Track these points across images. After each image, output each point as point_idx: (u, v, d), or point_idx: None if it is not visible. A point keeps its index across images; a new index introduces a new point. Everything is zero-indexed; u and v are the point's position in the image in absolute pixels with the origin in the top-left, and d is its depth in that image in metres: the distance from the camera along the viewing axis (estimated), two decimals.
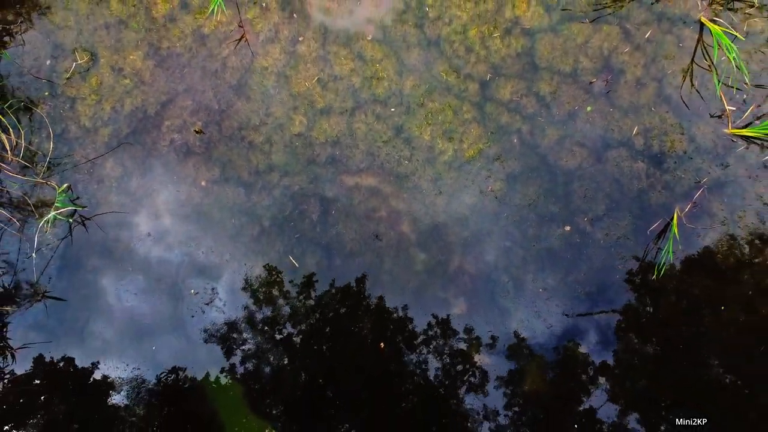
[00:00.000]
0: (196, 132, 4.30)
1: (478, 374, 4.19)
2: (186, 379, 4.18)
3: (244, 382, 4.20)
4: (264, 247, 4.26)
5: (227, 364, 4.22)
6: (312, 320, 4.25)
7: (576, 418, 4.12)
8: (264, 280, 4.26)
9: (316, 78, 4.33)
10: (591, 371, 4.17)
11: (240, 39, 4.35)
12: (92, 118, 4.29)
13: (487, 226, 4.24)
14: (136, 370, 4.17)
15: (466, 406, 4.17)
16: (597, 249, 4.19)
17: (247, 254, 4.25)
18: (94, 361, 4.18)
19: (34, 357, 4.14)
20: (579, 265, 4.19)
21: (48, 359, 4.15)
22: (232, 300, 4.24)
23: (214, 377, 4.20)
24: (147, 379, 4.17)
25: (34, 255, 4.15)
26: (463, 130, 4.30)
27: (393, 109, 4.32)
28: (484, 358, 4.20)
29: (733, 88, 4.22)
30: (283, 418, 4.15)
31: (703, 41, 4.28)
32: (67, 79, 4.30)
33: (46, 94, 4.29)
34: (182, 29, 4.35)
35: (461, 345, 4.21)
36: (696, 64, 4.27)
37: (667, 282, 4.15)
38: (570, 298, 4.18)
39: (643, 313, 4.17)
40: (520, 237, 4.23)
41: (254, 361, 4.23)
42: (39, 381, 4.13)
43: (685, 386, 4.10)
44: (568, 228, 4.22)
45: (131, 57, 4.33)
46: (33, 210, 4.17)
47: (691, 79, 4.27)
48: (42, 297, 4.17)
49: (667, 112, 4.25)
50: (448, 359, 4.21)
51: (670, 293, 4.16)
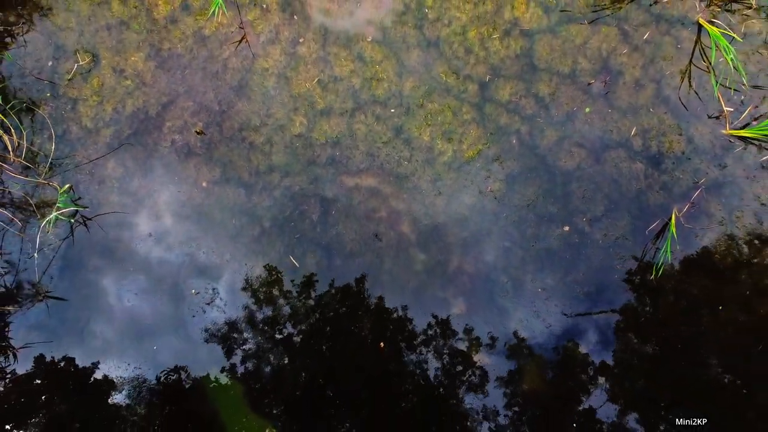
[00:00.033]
0: (197, 133, 4.32)
1: (478, 374, 4.21)
2: (187, 379, 4.20)
3: (245, 381, 4.21)
4: (264, 248, 4.27)
5: (228, 364, 4.23)
6: (312, 320, 4.26)
7: (575, 418, 4.14)
8: (264, 280, 4.28)
9: (316, 79, 4.35)
10: (590, 371, 4.19)
11: (241, 40, 4.37)
12: (94, 119, 4.31)
13: (487, 227, 4.26)
14: (137, 370, 4.18)
15: (466, 405, 4.18)
16: (595, 249, 4.21)
17: (248, 254, 4.26)
18: (96, 361, 4.19)
19: (35, 357, 4.15)
20: (578, 265, 4.21)
21: (49, 359, 4.16)
22: (233, 300, 4.26)
23: (215, 376, 4.22)
24: (148, 379, 4.18)
25: (36, 255, 4.16)
26: (463, 130, 4.32)
27: (393, 110, 4.34)
28: (483, 358, 4.21)
29: (730, 89, 4.24)
30: (283, 418, 4.17)
31: (701, 42, 4.30)
32: (69, 80, 4.32)
33: (48, 95, 4.31)
34: (183, 31, 4.37)
35: (461, 345, 4.23)
36: (694, 65, 4.29)
37: (665, 282, 4.17)
38: (569, 298, 4.19)
39: (641, 313, 4.19)
40: (519, 237, 4.24)
41: (255, 361, 4.24)
42: (40, 380, 4.15)
43: (684, 386, 4.12)
44: (566, 228, 4.24)
45: (132, 58, 4.35)
46: (35, 210, 4.19)
47: (689, 81, 4.29)
48: (43, 297, 4.18)
49: (666, 113, 4.27)
50: (448, 359, 4.23)
51: (669, 293, 4.18)
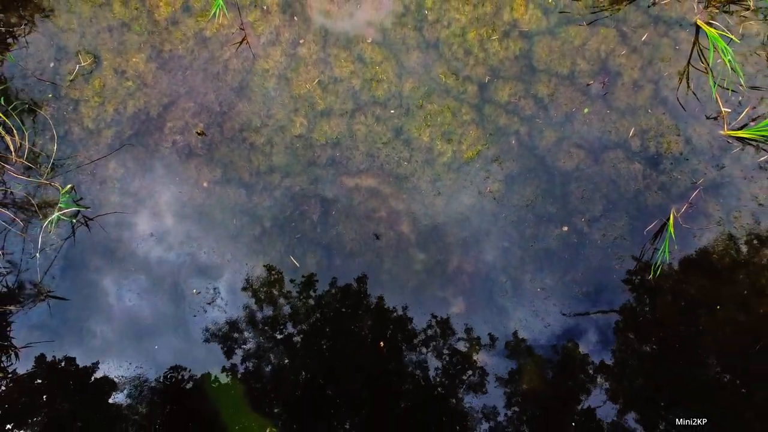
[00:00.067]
0: (198, 134, 4.34)
1: (477, 373, 4.23)
2: (188, 378, 4.22)
3: (246, 380, 4.23)
4: (265, 247, 4.29)
5: (228, 363, 4.25)
6: (312, 319, 4.28)
7: (574, 417, 4.16)
8: (265, 280, 4.30)
9: (316, 80, 4.37)
10: (588, 370, 4.21)
11: (241, 41, 4.39)
12: (95, 120, 4.33)
13: (486, 227, 4.28)
14: (139, 369, 4.20)
15: (465, 404, 4.20)
16: (594, 249, 4.23)
17: (249, 254, 4.28)
18: (97, 360, 4.21)
19: (37, 356, 4.17)
20: (576, 265, 4.23)
21: (51, 358, 4.18)
22: (234, 299, 4.28)
23: (216, 376, 4.24)
24: (149, 378, 4.20)
25: (38, 255, 4.19)
26: (462, 131, 4.34)
27: (393, 111, 4.36)
28: (482, 357, 4.23)
29: (728, 90, 4.26)
30: (283, 417, 4.19)
31: (699, 44, 4.32)
32: (71, 81, 4.34)
33: (50, 96, 4.33)
34: (184, 32, 4.39)
35: (460, 344, 4.25)
36: (692, 67, 4.31)
37: (663, 282, 4.19)
38: (568, 298, 4.21)
39: (639, 313, 4.21)
40: (518, 237, 4.26)
41: (255, 360, 4.26)
42: (41, 380, 4.16)
43: (682, 385, 4.13)
44: (565, 228, 4.26)
45: (134, 59, 4.37)
46: (37, 210, 4.21)
47: (687, 82, 4.31)
48: (45, 297, 4.20)
49: (664, 113, 4.29)
50: (447, 358, 4.25)
51: (667, 293, 4.20)
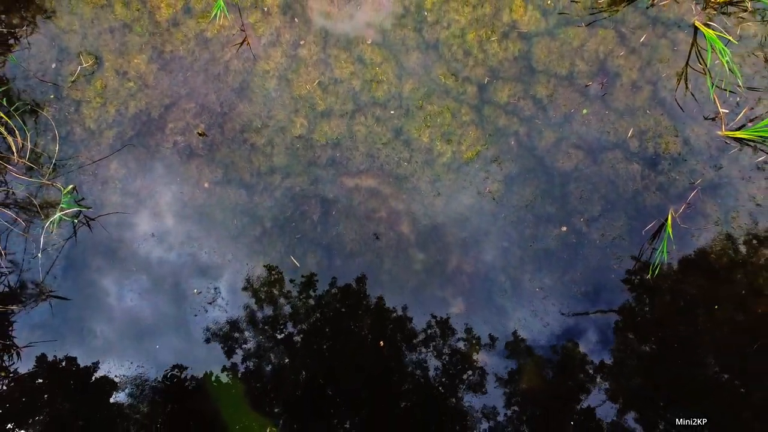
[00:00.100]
0: (199, 134, 4.37)
1: (476, 373, 4.25)
2: (189, 377, 4.24)
3: (246, 380, 4.25)
4: (266, 248, 4.32)
5: (229, 363, 4.27)
6: (312, 319, 4.30)
7: (573, 416, 4.18)
8: (265, 280, 4.32)
9: (316, 81, 4.40)
10: (587, 369, 4.23)
11: (242, 43, 4.41)
12: (97, 121, 4.36)
13: (485, 227, 4.31)
14: (140, 369, 4.22)
15: (465, 404, 4.22)
16: (593, 249, 4.25)
17: (249, 254, 4.31)
18: (99, 360, 4.23)
19: (38, 356, 4.19)
20: (575, 265, 4.25)
21: (52, 358, 4.20)
22: (235, 299, 4.30)
23: (217, 375, 4.26)
24: (150, 377, 4.22)
25: (40, 255, 4.21)
26: (462, 132, 4.37)
27: (392, 112, 4.39)
28: (482, 357, 4.25)
29: (726, 91, 4.28)
30: (284, 416, 4.21)
31: (697, 45, 4.35)
32: (72, 82, 4.37)
33: (52, 97, 4.35)
34: (185, 33, 4.42)
35: (459, 344, 4.27)
36: (690, 68, 4.33)
37: (661, 282, 4.22)
38: (566, 298, 4.24)
39: (638, 313, 4.23)
40: (517, 237, 4.29)
41: (256, 360, 4.28)
42: (43, 379, 4.18)
43: (681, 385, 4.15)
44: (564, 228, 4.28)
45: (135, 60, 4.40)
46: (39, 211, 4.23)
47: (685, 82, 4.33)
48: (47, 296, 4.22)
49: (662, 114, 4.32)
50: (447, 358, 4.27)
51: (665, 293, 4.22)
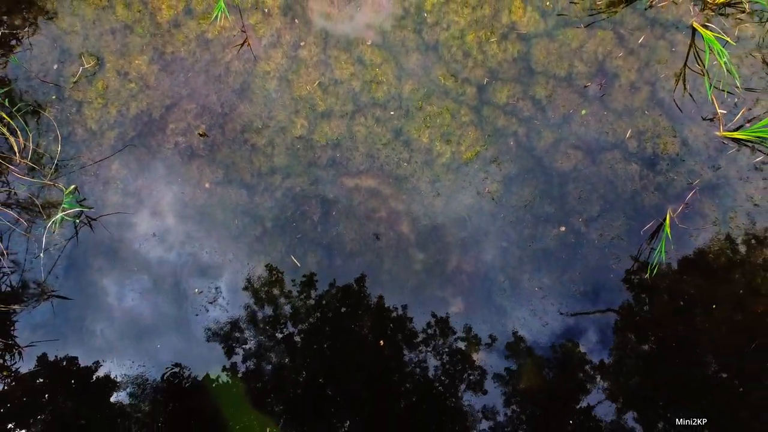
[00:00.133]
0: (200, 135, 4.39)
1: (476, 372, 4.27)
2: (190, 377, 4.27)
3: (247, 379, 4.28)
4: (266, 247, 4.34)
5: (230, 362, 4.30)
6: (313, 319, 4.33)
7: (572, 416, 4.20)
8: (266, 280, 4.34)
9: (317, 82, 4.42)
10: (587, 369, 4.25)
11: (243, 44, 4.44)
12: (98, 122, 4.38)
13: (484, 227, 4.33)
14: (141, 368, 4.25)
15: (465, 403, 4.25)
16: (591, 249, 4.28)
17: (250, 254, 4.33)
18: (100, 359, 4.25)
19: (40, 355, 4.20)
20: (574, 265, 4.28)
21: (54, 358, 4.23)
22: (235, 299, 4.33)
23: (217, 374, 4.28)
24: (152, 377, 4.24)
25: (42, 255, 4.23)
26: (461, 132, 4.39)
27: (392, 113, 4.41)
28: (481, 356, 4.28)
29: (724, 92, 4.30)
30: (284, 415, 4.23)
31: (695, 46, 4.37)
32: (74, 83, 4.39)
33: (54, 97, 4.37)
34: (186, 34, 4.44)
35: (459, 343, 4.29)
36: (688, 69, 4.36)
37: (660, 281, 4.24)
38: (565, 297, 4.26)
39: (636, 312, 4.25)
40: (516, 237, 4.31)
41: (256, 359, 4.31)
42: (45, 379, 4.21)
43: (680, 384, 4.18)
44: (563, 228, 4.30)
45: (136, 62, 4.42)
46: (41, 211, 4.26)
47: (683, 83, 4.36)
48: (49, 296, 4.24)
49: (660, 115, 4.34)
50: (447, 357, 4.29)
51: (663, 292, 4.24)
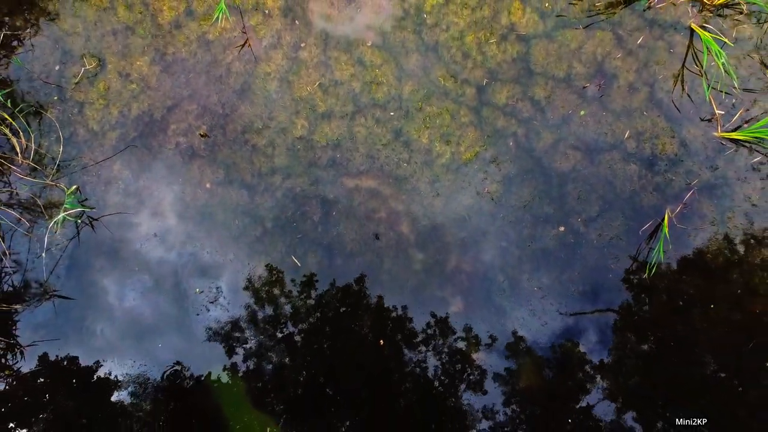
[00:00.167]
0: (201, 135, 4.41)
1: (475, 371, 4.29)
2: (191, 376, 4.29)
3: (247, 378, 4.30)
4: (267, 248, 4.36)
5: (230, 362, 4.32)
6: (313, 318, 4.35)
7: (571, 415, 4.22)
8: (267, 280, 4.36)
9: (317, 83, 4.44)
10: (585, 368, 4.27)
11: (243, 45, 4.46)
12: (100, 122, 4.40)
13: (484, 227, 4.35)
14: (143, 367, 4.27)
15: (464, 402, 4.27)
16: (590, 249, 4.30)
17: (251, 254, 4.35)
18: (101, 359, 4.27)
19: (41, 355, 4.22)
20: (573, 265, 4.30)
21: (56, 357, 4.24)
22: (236, 299, 4.35)
23: (218, 374, 4.30)
24: (153, 376, 4.27)
25: (44, 255, 4.25)
26: (461, 133, 4.41)
27: (392, 113, 4.43)
28: (481, 356, 4.30)
29: (722, 93, 4.33)
30: (284, 415, 4.25)
31: (693, 47, 4.39)
32: (76, 84, 4.41)
33: (55, 98, 4.40)
34: (187, 35, 4.46)
35: (458, 342, 4.31)
36: (687, 69, 4.38)
37: (658, 281, 4.26)
38: (564, 297, 4.28)
39: (635, 312, 4.27)
40: (515, 237, 4.33)
41: (257, 359, 4.33)
42: (46, 378, 4.22)
43: (678, 383, 4.20)
44: (562, 228, 4.33)
45: (138, 63, 4.44)
46: (42, 211, 4.28)
47: (681, 84, 4.38)
48: (51, 296, 4.26)
49: (659, 115, 4.36)
50: (446, 357, 4.31)
51: (662, 292, 4.27)
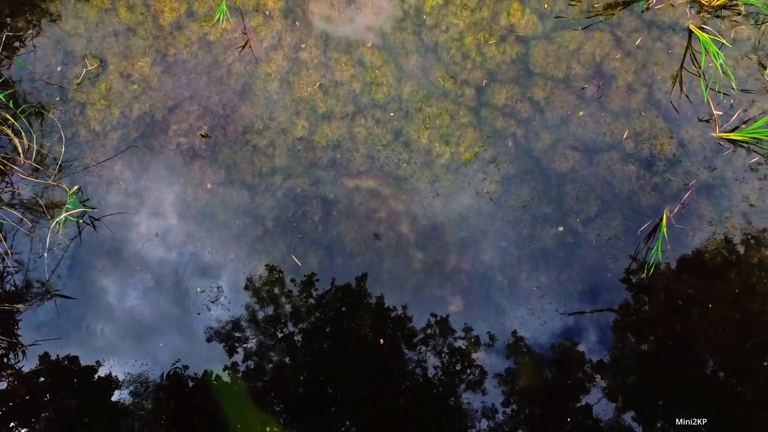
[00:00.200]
0: (202, 136, 4.43)
1: (475, 370, 4.31)
2: (192, 375, 4.31)
3: (248, 377, 4.32)
4: (267, 247, 4.38)
5: (231, 361, 4.34)
6: (313, 318, 4.37)
7: (571, 414, 4.24)
8: (267, 279, 4.39)
9: (317, 84, 4.47)
10: (585, 367, 4.29)
11: (244, 46, 4.48)
12: (102, 123, 4.43)
13: (483, 227, 4.38)
14: (144, 366, 4.29)
15: (464, 402, 4.29)
16: (589, 249, 4.32)
17: (251, 254, 4.37)
18: (103, 358, 4.29)
19: (42, 354, 4.24)
20: (572, 265, 4.32)
21: (57, 357, 4.26)
22: (237, 298, 4.37)
23: (219, 373, 4.33)
24: (154, 375, 4.29)
25: (46, 255, 4.27)
26: (460, 134, 4.43)
27: (392, 114, 4.46)
28: (480, 355, 4.32)
29: (720, 94, 4.35)
30: (285, 414, 4.27)
31: (691, 48, 4.42)
32: (78, 84, 4.44)
33: (57, 99, 4.42)
34: (188, 36, 4.49)
35: (458, 342, 4.33)
36: (685, 70, 4.40)
37: (656, 281, 4.28)
38: (563, 297, 4.30)
39: (633, 311, 4.30)
40: (514, 237, 4.36)
41: (257, 358, 4.35)
42: (48, 377, 4.24)
43: (677, 383, 4.21)
44: (561, 228, 4.35)
45: (139, 63, 4.47)
46: (44, 211, 4.30)
47: (680, 85, 4.40)
48: (52, 295, 4.29)
49: (657, 116, 4.39)
50: (446, 356, 4.33)
51: (660, 292, 4.29)
